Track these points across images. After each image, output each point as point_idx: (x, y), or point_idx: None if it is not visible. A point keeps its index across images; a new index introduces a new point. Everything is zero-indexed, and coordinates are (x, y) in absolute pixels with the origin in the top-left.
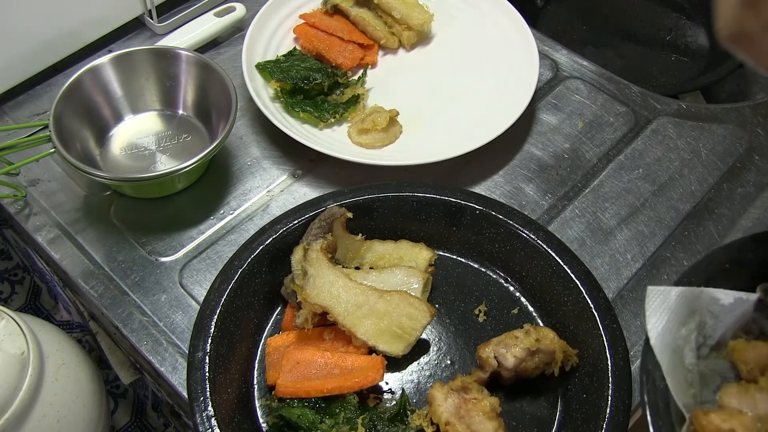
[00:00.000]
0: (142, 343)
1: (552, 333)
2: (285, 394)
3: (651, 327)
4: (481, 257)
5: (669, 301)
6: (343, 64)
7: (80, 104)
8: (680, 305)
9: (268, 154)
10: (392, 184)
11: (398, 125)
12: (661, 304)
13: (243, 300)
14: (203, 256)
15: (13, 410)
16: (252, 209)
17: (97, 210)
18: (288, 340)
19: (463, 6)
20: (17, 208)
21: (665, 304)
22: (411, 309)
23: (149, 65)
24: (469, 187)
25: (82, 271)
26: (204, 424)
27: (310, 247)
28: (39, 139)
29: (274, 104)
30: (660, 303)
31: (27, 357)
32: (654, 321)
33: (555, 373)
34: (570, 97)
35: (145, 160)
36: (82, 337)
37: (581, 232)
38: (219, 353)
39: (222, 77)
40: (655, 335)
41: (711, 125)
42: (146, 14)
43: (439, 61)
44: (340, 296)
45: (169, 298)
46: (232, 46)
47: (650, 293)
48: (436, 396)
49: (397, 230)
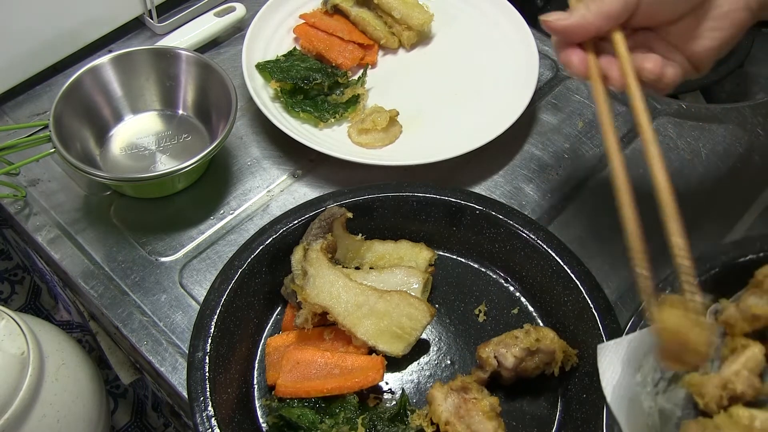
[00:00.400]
0: (142, 343)
1: (552, 333)
2: (285, 394)
3: (605, 383)
4: (481, 257)
5: (621, 351)
6: (343, 64)
7: (80, 104)
8: (633, 351)
9: (268, 154)
10: (392, 184)
11: (398, 125)
12: (613, 357)
13: (243, 300)
14: (203, 256)
15: (13, 410)
16: (252, 209)
17: (97, 210)
18: (288, 340)
19: (463, 6)
20: (17, 208)
21: (617, 355)
22: (411, 309)
23: (149, 65)
24: (469, 187)
25: (82, 271)
26: (204, 424)
27: (310, 247)
28: (39, 139)
29: (274, 104)
30: (612, 357)
31: (27, 357)
32: (608, 376)
33: (555, 373)
34: (570, 97)
35: (145, 160)
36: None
37: (581, 232)
38: (219, 353)
39: (222, 77)
40: (610, 391)
41: (711, 125)
42: (146, 14)
43: (439, 61)
44: (340, 296)
45: (169, 298)
46: (232, 46)
47: (601, 350)
48: (435, 396)
49: (397, 230)
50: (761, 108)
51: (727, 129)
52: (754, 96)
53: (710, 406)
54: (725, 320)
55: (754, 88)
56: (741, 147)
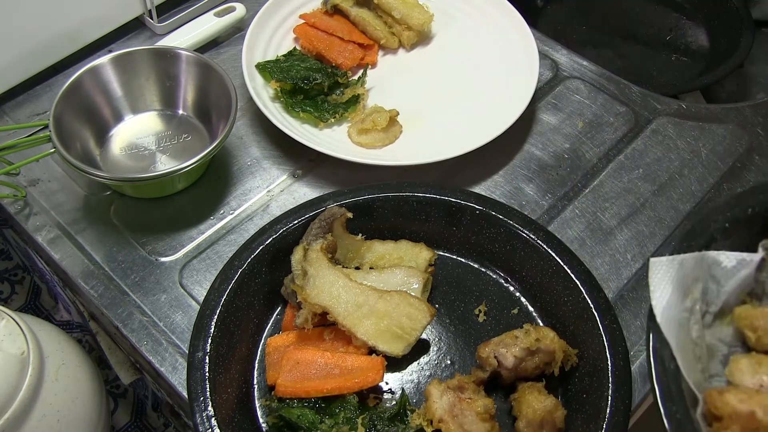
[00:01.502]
0: (142, 343)
1: (552, 333)
2: (285, 394)
3: (656, 302)
4: (481, 257)
5: (672, 271)
6: (343, 64)
7: (80, 104)
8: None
9: (268, 154)
10: (392, 184)
11: (398, 125)
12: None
13: (243, 300)
14: (203, 256)
15: (13, 410)
16: (252, 209)
17: (97, 210)
18: (288, 340)
19: (463, 6)
20: (17, 208)
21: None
22: (411, 309)
23: (149, 65)
24: (469, 187)
25: (82, 271)
26: (204, 424)
27: (310, 247)
28: (39, 139)
29: (274, 104)
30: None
31: (27, 357)
32: (658, 295)
33: (555, 373)
34: (570, 97)
35: (145, 160)
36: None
37: (581, 232)
38: (219, 353)
39: (222, 77)
40: (660, 311)
41: (711, 125)
42: (146, 14)
43: (439, 61)
44: (340, 296)
45: (169, 298)
46: (232, 46)
47: (653, 265)
48: (432, 392)
49: (397, 230)
50: (761, 108)
51: (727, 129)
52: (754, 96)
53: (763, 342)
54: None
55: (754, 88)
56: (741, 147)
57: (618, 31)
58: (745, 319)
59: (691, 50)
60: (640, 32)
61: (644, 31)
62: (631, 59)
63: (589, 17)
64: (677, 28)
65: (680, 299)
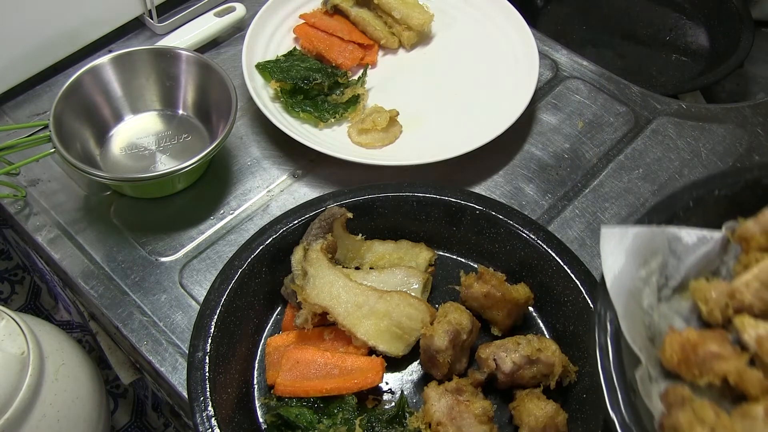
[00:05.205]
0: (142, 343)
1: (555, 346)
2: (284, 392)
3: (607, 270)
4: (481, 257)
5: (626, 241)
6: (343, 64)
7: (80, 104)
8: (639, 246)
9: (268, 154)
10: (392, 184)
11: (398, 125)
12: (618, 244)
13: (243, 300)
14: (203, 256)
15: (13, 410)
16: (252, 209)
17: (97, 210)
18: (288, 340)
19: (463, 6)
20: (17, 208)
21: (622, 245)
22: (411, 309)
23: (149, 65)
24: (469, 187)
25: (82, 271)
26: (204, 424)
27: (310, 247)
28: (39, 139)
29: (274, 104)
30: (617, 244)
31: (27, 357)
32: (610, 263)
33: (551, 386)
34: (570, 97)
35: (145, 160)
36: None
37: (581, 232)
38: (219, 353)
39: (222, 77)
40: (611, 278)
41: (711, 125)
42: (146, 14)
43: (439, 61)
44: (340, 296)
45: (169, 298)
46: (232, 46)
47: (605, 234)
48: (430, 395)
49: (397, 230)
50: (761, 108)
51: (727, 129)
52: (754, 96)
53: (714, 315)
54: (741, 235)
55: (754, 88)
56: (741, 147)
57: (618, 31)
58: (698, 291)
59: (691, 50)
60: (640, 32)
61: (644, 31)
62: (631, 59)
63: (589, 17)
64: (677, 28)
65: (634, 269)
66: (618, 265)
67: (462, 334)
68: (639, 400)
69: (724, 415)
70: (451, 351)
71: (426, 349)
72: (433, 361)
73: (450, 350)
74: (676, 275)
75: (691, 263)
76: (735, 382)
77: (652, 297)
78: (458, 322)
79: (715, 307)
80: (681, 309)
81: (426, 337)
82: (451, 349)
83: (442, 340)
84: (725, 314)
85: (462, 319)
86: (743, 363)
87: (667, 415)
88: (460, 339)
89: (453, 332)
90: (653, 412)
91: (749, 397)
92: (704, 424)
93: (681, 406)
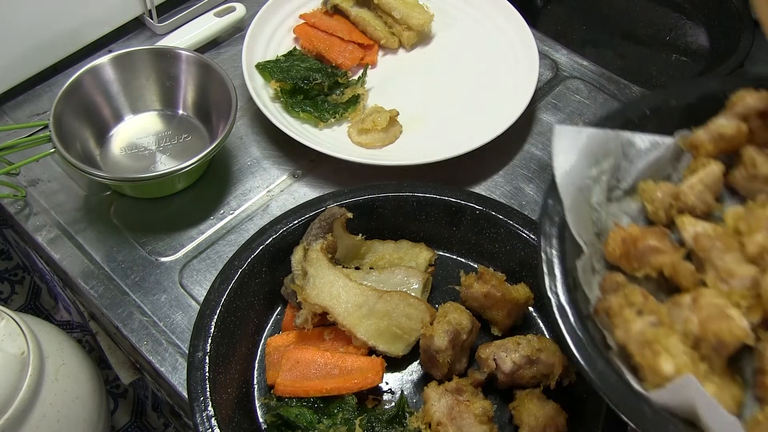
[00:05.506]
0: (142, 343)
1: (555, 346)
2: (284, 392)
3: (557, 166)
4: (481, 257)
5: (579, 141)
6: (343, 64)
7: (80, 104)
8: (592, 146)
9: (268, 154)
10: (392, 184)
11: (398, 125)
12: (571, 143)
13: (243, 300)
14: (203, 256)
15: (13, 410)
16: (252, 209)
17: (97, 210)
18: (288, 340)
19: (463, 6)
20: (17, 208)
21: (575, 144)
22: (411, 309)
23: (149, 65)
24: (469, 187)
25: (82, 271)
26: (204, 424)
27: (310, 247)
28: (39, 139)
29: (274, 104)
30: (570, 143)
31: (27, 357)
32: (561, 160)
33: (551, 386)
34: (570, 97)
35: (145, 160)
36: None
37: None
38: (219, 353)
39: (222, 77)
40: (561, 173)
41: None
42: (146, 14)
43: (439, 61)
44: (340, 296)
45: (169, 298)
46: (232, 46)
47: (558, 132)
48: (430, 395)
49: (397, 230)
50: None
51: None
52: None
53: (658, 215)
54: (692, 142)
55: None
56: None
57: (618, 31)
58: (646, 192)
59: (691, 50)
60: (640, 32)
61: (644, 31)
62: (631, 59)
63: (589, 17)
64: (677, 28)
65: (585, 167)
66: (569, 163)
67: (462, 334)
68: (580, 290)
69: (652, 299)
70: (450, 351)
71: (426, 349)
72: (433, 361)
73: (450, 350)
74: (628, 178)
75: (642, 167)
76: (669, 275)
77: (601, 195)
78: (458, 322)
79: (660, 207)
80: (630, 209)
81: (426, 337)
82: (451, 349)
83: (442, 340)
84: (669, 214)
85: (462, 319)
86: (679, 257)
87: (602, 299)
88: (460, 339)
89: (453, 332)
90: (591, 299)
91: (682, 289)
92: (633, 306)
93: (615, 291)
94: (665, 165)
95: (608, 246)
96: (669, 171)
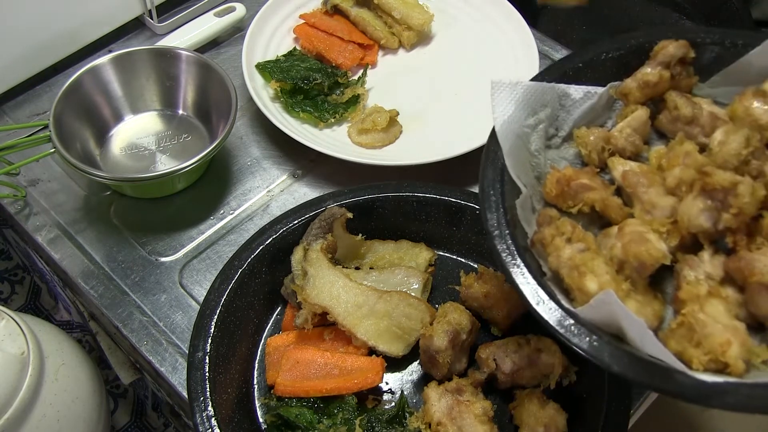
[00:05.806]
0: (142, 343)
1: (555, 346)
2: (284, 392)
3: (497, 116)
4: (481, 257)
5: (516, 93)
6: (343, 64)
7: (80, 104)
8: (529, 98)
9: (268, 154)
10: (392, 184)
11: (398, 125)
12: (508, 96)
13: (243, 300)
14: (203, 256)
15: (13, 410)
16: (252, 209)
17: (97, 210)
18: (288, 340)
19: (463, 6)
20: (17, 208)
21: (512, 96)
22: (411, 309)
23: (149, 65)
24: (469, 187)
25: (82, 271)
26: (204, 424)
27: (310, 247)
28: (39, 139)
29: (274, 104)
30: (507, 95)
31: (27, 357)
32: (500, 111)
33: (551, 386)
34: None
35: (145, 160)
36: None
37: None
38: (219, 353)
39: (222, 77)
40: (500, 123)
41: None
42: (146, 14)
43: (439, 61)
44: (340, 296)
45: (169, 298)
46: (232, 46)
47: (495, 86)
48: (430, 395)
49: (397, 230)
50: None
51: None
52: None
53: (591, 157)
54: (622, 91)
55: None
56: None
57: (618, 31)
58: (580, 137)
59: None
60: None
61: None
62: None
63: (589, 17)
64: None
65: (523, 117)
66: (507, 113)
67: (462, 334)
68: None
69: (579, 228)
70: (450, 351)
71: (426, 349)
72: (433, 361)
73: (450, 350)
74: (565, 126)
75: (578, 115)
76: (600, 209)
77: (540, 142)
78: (458, 322)
79: (593, 150)
80: (568, 155)
81: (426, 338)
82: (451, 349)
83: (442, 341)
84: (602, 157)
85: (462, 319)
86: (609, 193)
87: (537, 231)
88: (459, 339)
89: (453, 332)
90: (529, 234)
91: (613, 223)
92: (563, 236)
93: (548, 224)
94: (600, 113)
95: (546, 187)
96: (604, 119)
